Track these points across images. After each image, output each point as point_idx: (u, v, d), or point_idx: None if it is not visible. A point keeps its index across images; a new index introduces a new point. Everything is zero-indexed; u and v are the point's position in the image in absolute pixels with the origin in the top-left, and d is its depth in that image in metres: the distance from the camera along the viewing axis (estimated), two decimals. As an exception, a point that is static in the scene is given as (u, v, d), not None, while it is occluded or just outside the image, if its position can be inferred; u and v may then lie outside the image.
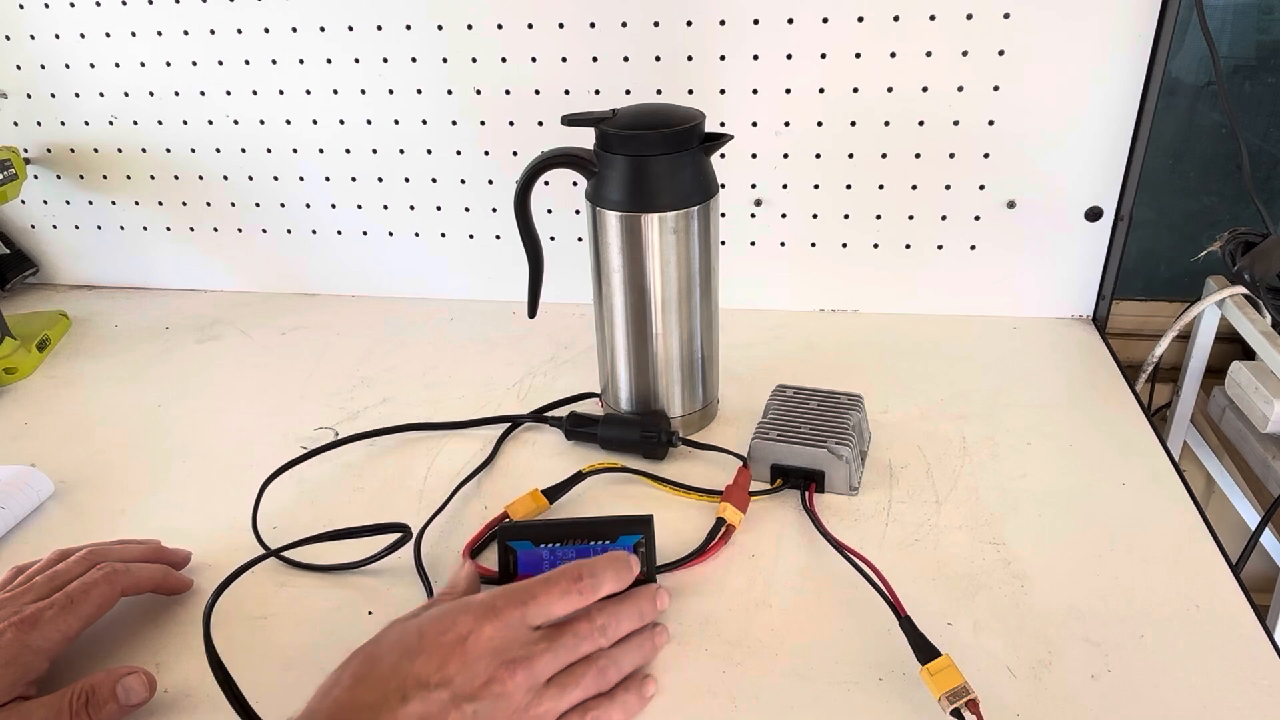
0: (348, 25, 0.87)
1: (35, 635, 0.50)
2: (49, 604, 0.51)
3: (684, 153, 0.65)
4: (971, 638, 0.54)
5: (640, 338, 0.70)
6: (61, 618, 0.51)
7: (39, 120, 0.97)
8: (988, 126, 0.82)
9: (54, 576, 0.54)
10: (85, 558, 0.56)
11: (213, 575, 0.61)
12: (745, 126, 0.85)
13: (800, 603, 0.57)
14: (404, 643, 0.45)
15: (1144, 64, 0.78)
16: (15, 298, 1.04)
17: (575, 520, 0.60)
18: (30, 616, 0.50)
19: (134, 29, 0.90)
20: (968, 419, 0.75)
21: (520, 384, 0.83)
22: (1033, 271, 0.89)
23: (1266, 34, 0.98)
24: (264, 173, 0.96)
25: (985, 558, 0.60)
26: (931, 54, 0.80)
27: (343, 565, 0.61)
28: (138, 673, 0.51)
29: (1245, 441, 0.90)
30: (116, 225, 1.02)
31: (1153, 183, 1.01)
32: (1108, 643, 0.53)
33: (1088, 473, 0.69)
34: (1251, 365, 0.89)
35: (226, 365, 0.89)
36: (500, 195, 0.93)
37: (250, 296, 1.02)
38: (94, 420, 0.80)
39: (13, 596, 0.52)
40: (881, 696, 0.51)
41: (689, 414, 0.74)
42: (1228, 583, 0.58)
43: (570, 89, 0.86)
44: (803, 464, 0.66)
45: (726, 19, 0.81)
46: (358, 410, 0.79)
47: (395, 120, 0.91)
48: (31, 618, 0.50)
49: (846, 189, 0.87)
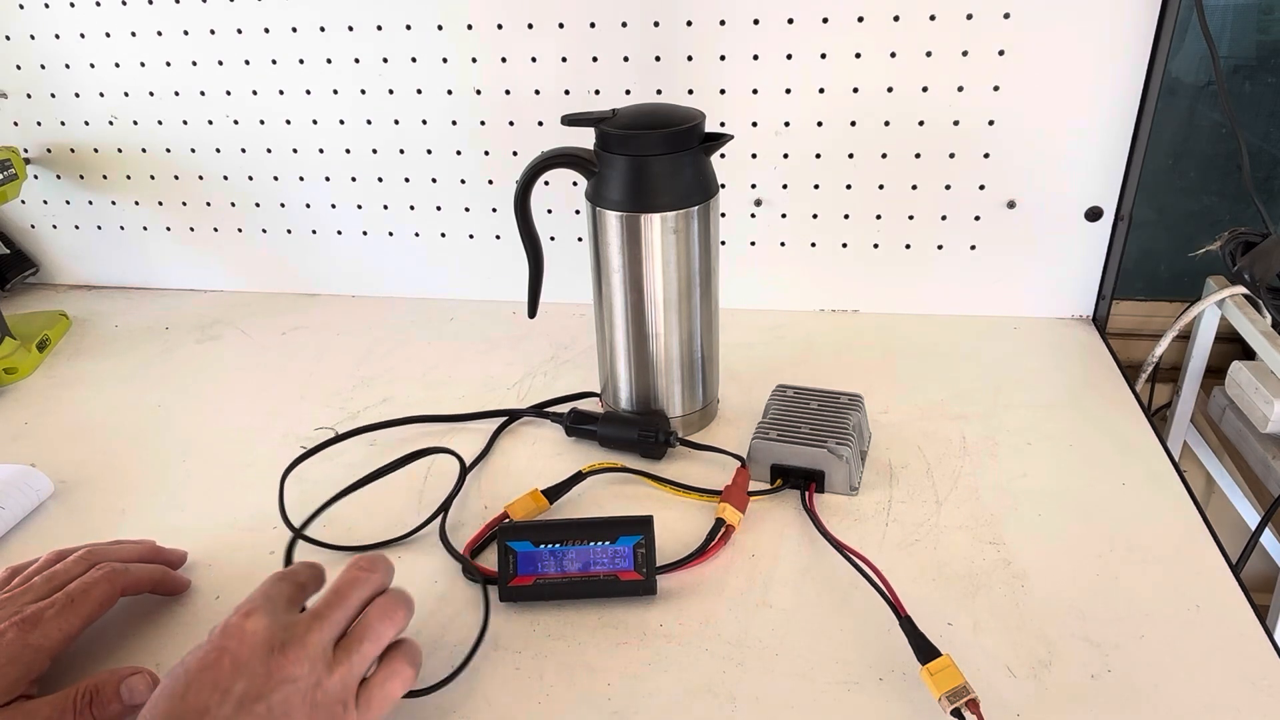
0: (348, 25, 0.87)
1: (36, 634, 0.50)
2: (50, 603, 0.51)
3: (684, 153, 0.65)
4: (971, 638, 0.54)
5: (640, 338, 0.70)
6: (62, 617, 0.51)
7: (39, 120, 0.97)
8: (988, 126, 0.82)
9: (52, 577, 0.54)
10: (83, 558, 0.56)
11: (212, 575, 0.61)
12: (745, 126, 0.85)
13: (800, 603, 0.57)
14: (172, 689, 0.43)
15: (1144, 64, 0.78)
16: (15, 298, 1.04)
17: (575, 520, 0.60)
18: (31, 616, 0.50)
19: (134, 29, 0.90)
20: (968, 419, 0.75)
21: (520, 384, 0.83)
22: (1033, 271, 0.89)
23: (1266, 34, 0.98)
24: (264, 173, 0.96)
25: (985, 558, 0.60)
26: (931, 54, 0.80)
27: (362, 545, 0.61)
28: (141, 673, 0.51)
29: (1245, 441, 0.90)
30: (116, 225, 1.02)
31: (1153, 183, 1.01)
32: (1108, 643, 0.53)
33: (1088, 473, 0.69)
34: (1251, 365, 0.89)
35: (226, 365, 0.89)
36: (500, 195, 0.93)
37: (250, 296, 1.02)
38: (94, 420, 0.80)
39: (12, 597, 0.52)
40: (881, 696, 0.51)
41: (689, 414, 0.74)
42: (1228, 583, 0.58)
43: (570, 89, 0.86)
44: (803, 464, 0.66)
45: (726, 19, 0.81)
46: (358, 410, 0.79)
47: (395, 120, 0.91)
48: (32, 617, 0.50)
49: (846, 189, 0.87)
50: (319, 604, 0.48)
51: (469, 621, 0.57)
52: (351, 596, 0.48)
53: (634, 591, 0.57)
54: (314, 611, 0.47)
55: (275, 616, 0.46)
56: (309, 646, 0.45)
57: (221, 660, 0.43)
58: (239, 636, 0.44)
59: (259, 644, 0.44)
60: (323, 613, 0.47)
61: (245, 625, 0.45)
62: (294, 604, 0.48)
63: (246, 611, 0.45)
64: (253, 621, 0.45)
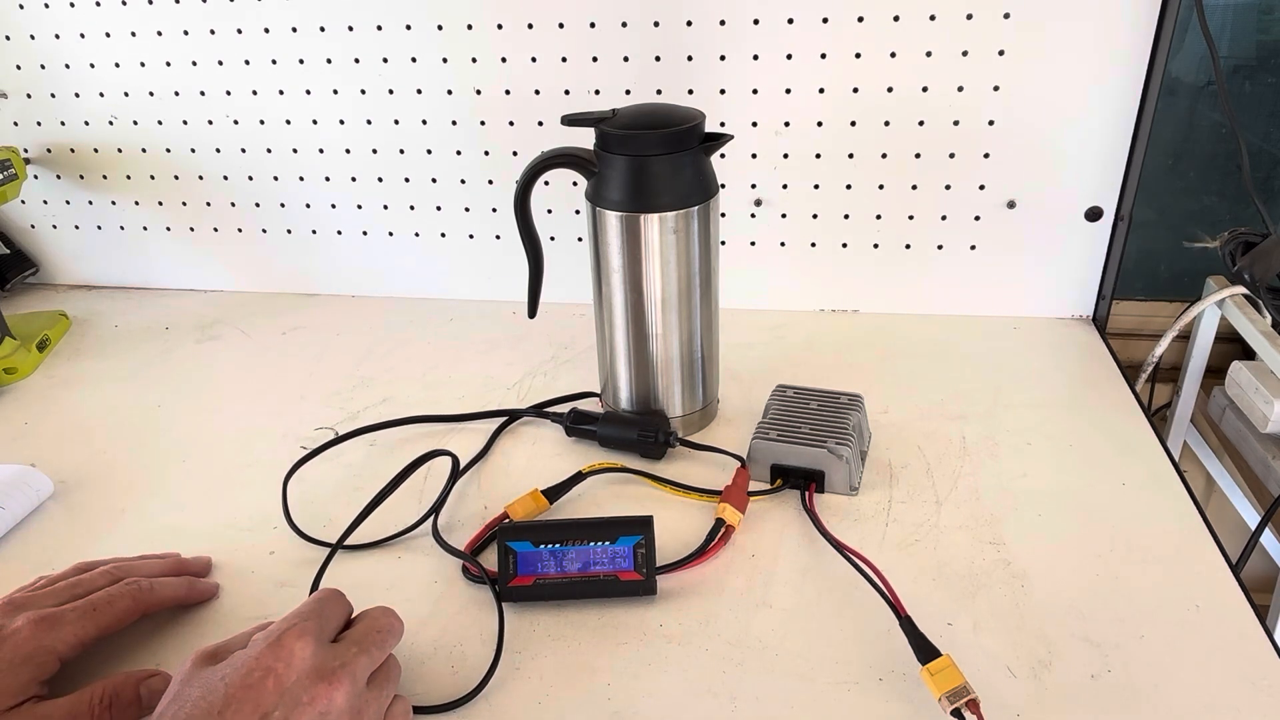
0: (348, 25, 0.87)
1: (52, 636, 0.49)
2: (71, 608, 0.51)
3: (684, 153, 0.65)
4: (971, 638, 0.54)
5: (640, 338, 0.70)
6: (81, 622, 0.51)
7: (39, 120, 0.97)
8: (988, 126, 0.82)
9: (77, 584, 0.54)
10: (109, 571, 0.55)
11: (211, 575, 0.61)
12: (745, 126, 0.85)
13: (800, 603, 0.57)
14: (209, 702, 0.41)
15: (1144, 64, 0.78)
16: (15, 298, 1.04)
17: (575, 521, 0.60)
18: (50, 616, 0.50)
19: (134, 29, 0.90)
20: (968, 419, 0.75)
21: (520, 384, 0.83)
22: (1033, 271, 0.89)
23: (1266, 34, 0.98)
24: (264, 173, 0.96)
25: (985, 558, 0.60)
26: (931, 54, 0.80)
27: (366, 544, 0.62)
28: (160, 674, 0.50)
29: (1245, 441, 0.90)
30: (116, 225, 1.02)
31: (1153, 183, 1.01)
32: (1108, 643, 0.53)
33: (1088, 473, 0.69)
34: (1251, 365, 0.89)
35: (226, 365, 0.89)
36: (500, 195, 0.93)
37: (250, 296, 1.02)
38: (94, 420, 0.80)
39: (35, 596, 0.52)
40: (881, 696, 0.51)
41: (689, 414, 0.74)
42: (1228, 583, 0.58)
43: (570, 89, 0.86)
44: (803, 464, 0.66)
45: (726, 19, 0.81)
46: (358, 410, 0.79)
47: (395, 120, 0.91)
48: (51, 618, 0.50)
49: (846, 189, 0.87)
50: (363, 639, 0.47)
51: (467, 622, 0.57)
52: (388, 641, 0.49)
53: (634, 591, 0.57)
54: (359, 645, 0.46)
55: (322, 641, 0.45)
56: (356, 680, 0.45)
57: (266, 681, 0.42)
58: (287, 659, 0.43)
59: (306, 670, 0.43)
60: (368, 648, 0.47)
61: (295, 647, 0.44)
62: (336, 630, 0.48)
63: (299, 631, 0.44)
64: (303, 645, 0.44)
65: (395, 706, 0.47)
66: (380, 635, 0.48)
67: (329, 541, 0.62)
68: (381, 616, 0.50)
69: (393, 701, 0.48)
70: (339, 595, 0.50)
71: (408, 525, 0.64)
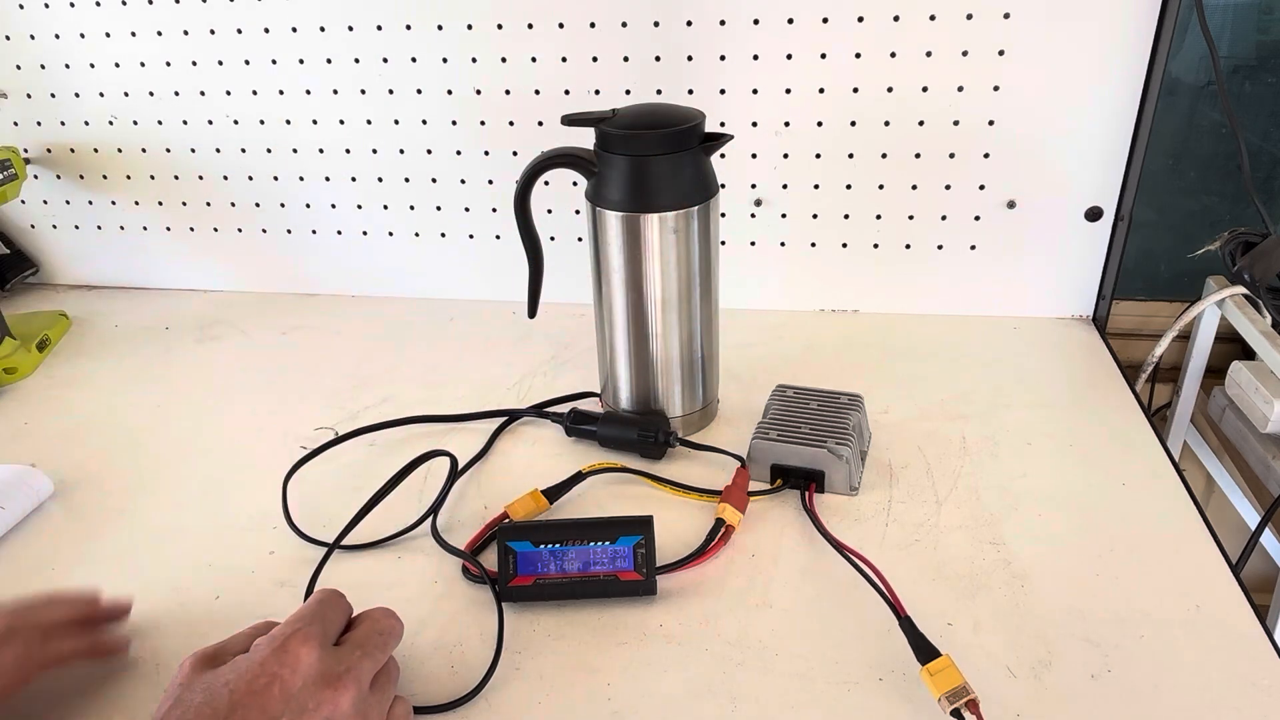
0: (348, 25, 0.87)
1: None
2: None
3: (684, 153, 0.65)
4: (971, 638, 0.54)
5: (640, 338, 0.70)
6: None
7: (39, 120, 0.97)
8: (988, 126, 0.82)
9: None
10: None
11: (211, 575, 0.61)
12: (745, 126, 0.85)
13: (800, 603, 0.57)
14: (213, 709, 0.41)
15: (1144, 64, 0.78)
16: (15, 298, 1.04)
17: (575, 521, 0.60)
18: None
19: (134, 29, 0.90)
20: (968, 419, 0.75)
21: (520, 384, 0.83)
22: (1033, 271, 0.89)
23: (1266, 34, 0.98)
24: (264, 173, 0.96)
25: (985, 558, 0.60)
26: (931, 54, 0.80)
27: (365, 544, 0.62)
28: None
29: (1245, 441, 0.90)
30: (116, 225, 1.02)
31: (1153, 183, 1.01)
32: (1108, 643, 0.53)
33: (1088, 473, 0.69)
34: (1251, 365, 0.89)
35: (226, 365, 0.89)
36: (500, 195, 0.93)
37: (250, 296, 1.02)
38: (94, 420, 0.80)
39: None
40: (881, 696, 0.51)
41: (689, 414, 0.74)
42: (1228, 583, 0.58)
43: (570, 89, 0.86)
44: (803, 464, 0.66)
45: (726, 19, 0.81)
46: (358, 410, 0.79)
47: (395, 120, 0.91)
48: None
49: (846, 189, 0.87)
50: (365, 641, 0.47)
51: (467, 622, 0.57)
52: (390, 643, 0.48)
53: (634, 591, 0.57)
54: (363, 649, 0.46)
55: (326, 646, 0.45)
56: (361, 684, 0.44)
57: (272, 688, 0.42)
58: (293, 665, 0.43)
59: (312, 676, 0.43)
60: (370, 651, 0.46)
61: (301, 652, 0.43)
62: (338, 632, 0.48)
63: (303, 636, 0.44)
64: (308, 650, 0.44)
65: (396, 708, 0.47)
66: (382, 637, 0.48)
67: (329, 542, 0.62)
68: (382, 618, 0.49)
69: (393, 703, 0.47)
70: (339, 597, 0.50)
71: (407, 525, 0.64)
